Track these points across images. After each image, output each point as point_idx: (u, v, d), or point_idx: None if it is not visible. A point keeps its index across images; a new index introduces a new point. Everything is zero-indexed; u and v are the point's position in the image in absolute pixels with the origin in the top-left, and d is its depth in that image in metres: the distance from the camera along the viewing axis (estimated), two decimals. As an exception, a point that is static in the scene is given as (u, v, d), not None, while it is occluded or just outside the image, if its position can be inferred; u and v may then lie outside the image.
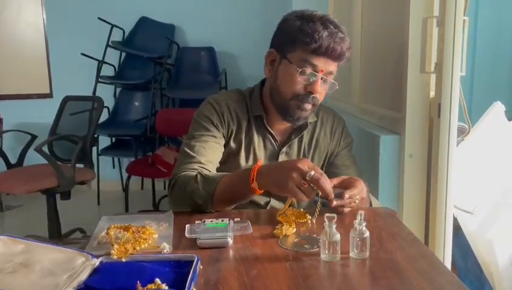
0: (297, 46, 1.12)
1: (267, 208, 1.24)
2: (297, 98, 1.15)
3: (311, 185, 0.93)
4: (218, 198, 1.06)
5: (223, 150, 1.24)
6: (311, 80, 1.13)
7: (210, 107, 1.24)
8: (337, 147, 1.32)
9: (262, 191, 1.02)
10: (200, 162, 1.15)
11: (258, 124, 1.25)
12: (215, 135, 1.21)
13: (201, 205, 1.07)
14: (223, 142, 1.24)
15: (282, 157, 1.26)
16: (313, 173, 0.93)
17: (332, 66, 1.14)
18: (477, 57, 2.52)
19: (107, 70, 3.84)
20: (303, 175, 0.93)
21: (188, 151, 1.17)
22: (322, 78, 1.14)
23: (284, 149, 1.26)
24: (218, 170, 1.21)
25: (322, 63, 1.12)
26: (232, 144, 1.24)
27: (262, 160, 1.23)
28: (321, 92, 1.16)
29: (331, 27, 1.11)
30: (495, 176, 1.58)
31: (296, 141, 1.28)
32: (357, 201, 1.04)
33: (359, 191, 1.04)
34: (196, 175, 1.10)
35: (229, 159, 1.24)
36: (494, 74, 2.53)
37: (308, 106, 1.16)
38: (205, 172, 1.12)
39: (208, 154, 1.18)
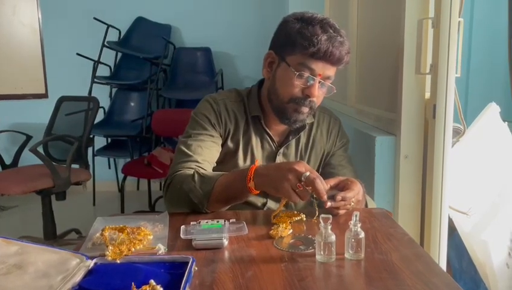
0: (295, 50, 1.11)
1: (264, 209, 1.24)
2: (295, 101, 1.15)
3: (306, 186, 0.93)
4: (214, 198, 1.05)
5: (220, 149, 1.23)
6: (308, 84, 1.13)
7: (208, 105, 1.24)
8: (333, 147, 1.32)
9: (259, 192, 1.01)
10: (197, 161, 1.15)
11: (256, 125, 1.25)
12: (213, 134, 1.21)
13: (197, 204, 1.06)
14: (220, 141, 1.23)
15: (279, 158, 1.26)
16: (308, 174, 0.93)
17: (330, 71, 1.13)
18: (472, 58, 2.54)
19: (103, 71, 3.83)
20: (298, 177, 0.93)
21: (185, 150, 1.17)
22: (319, 82, 1.13)
23: (282, 150, 1.26)
24: (215, 169, 1.20)
25: (320, 67, 1.11)
26: (230, 144, 1.24)
27: (259, 160, 1.23)
28: (319, 96, 1.16)
29: (331, 31, 1.10)
30: (490, 177, 1.58)
31: (293, 142, 1.28)
32: (353, 203, 1.04)
33: (354, 193, 1.04)
34: (193, 174, 1.09)
35: (226, 158, 1.24)
36: (489, 75, 2.54)
37: (305, 110, 1.16)
38: (202, 171, 1.11)
39: (205, 154, 1.17)
